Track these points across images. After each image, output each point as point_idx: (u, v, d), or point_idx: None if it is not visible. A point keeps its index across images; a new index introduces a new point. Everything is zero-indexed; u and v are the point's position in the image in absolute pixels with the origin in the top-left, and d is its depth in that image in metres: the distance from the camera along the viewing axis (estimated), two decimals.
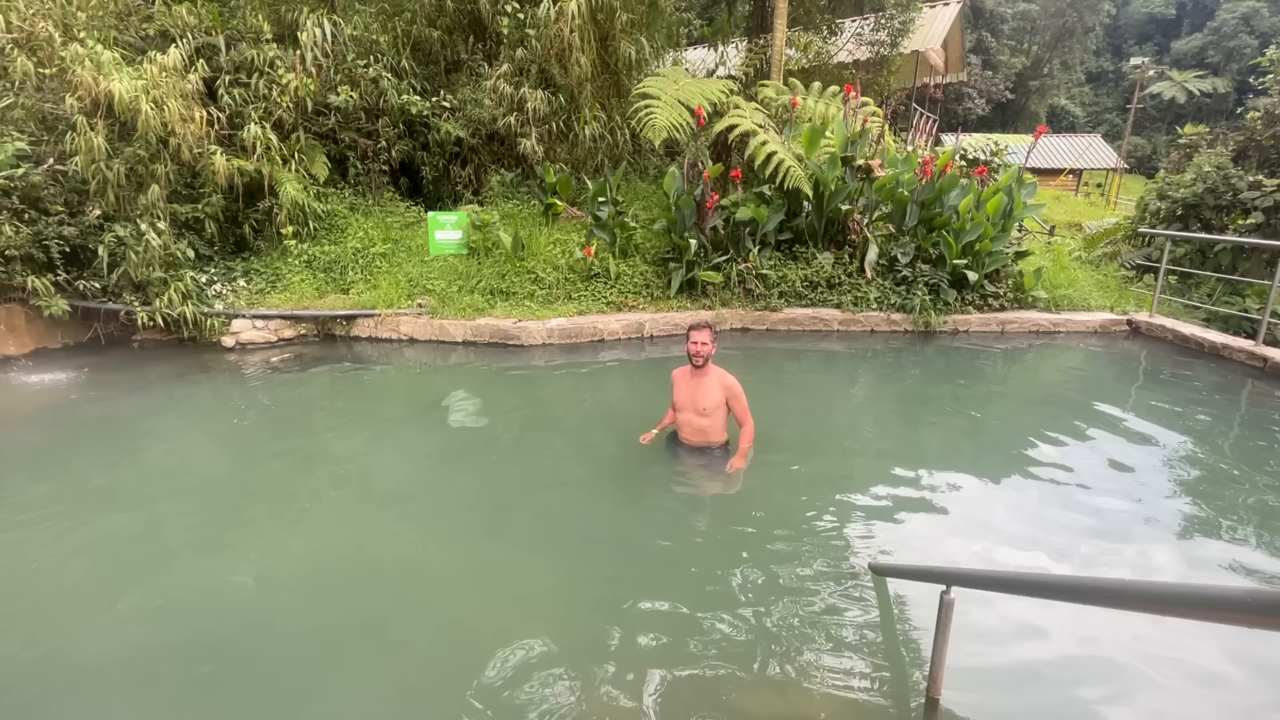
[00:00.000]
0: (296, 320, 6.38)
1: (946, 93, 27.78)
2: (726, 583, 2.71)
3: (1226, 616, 1.00)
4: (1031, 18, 40.27)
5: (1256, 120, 8.57)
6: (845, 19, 12.94)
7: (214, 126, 6.51)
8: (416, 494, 3.64)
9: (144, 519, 3.32)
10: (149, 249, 5.86)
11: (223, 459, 4.12)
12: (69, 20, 6.15)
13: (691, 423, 3.66)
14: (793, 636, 2.38)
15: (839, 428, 4.69)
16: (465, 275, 6.85)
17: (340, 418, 4.89)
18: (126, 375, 5.54)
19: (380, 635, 2.46)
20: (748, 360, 5.83)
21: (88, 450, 4.17)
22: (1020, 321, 6.67)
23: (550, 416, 4.81)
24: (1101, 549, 3.02)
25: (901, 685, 2.19)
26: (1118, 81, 45.11)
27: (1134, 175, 33.15)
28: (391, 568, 2.93)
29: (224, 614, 2.58)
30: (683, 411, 3.67)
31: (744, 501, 3.52)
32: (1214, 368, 5.71)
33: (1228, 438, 4.35)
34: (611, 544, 3.13)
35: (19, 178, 5.55)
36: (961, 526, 3.19)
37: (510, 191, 8.20)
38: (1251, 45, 37.59)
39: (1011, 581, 1.89)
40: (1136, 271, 8.59)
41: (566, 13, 7.21)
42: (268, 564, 2.95)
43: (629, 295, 6.79)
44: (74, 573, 2.87)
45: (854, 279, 6.82)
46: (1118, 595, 1.31)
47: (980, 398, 5.32)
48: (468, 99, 7.87)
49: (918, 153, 7.54)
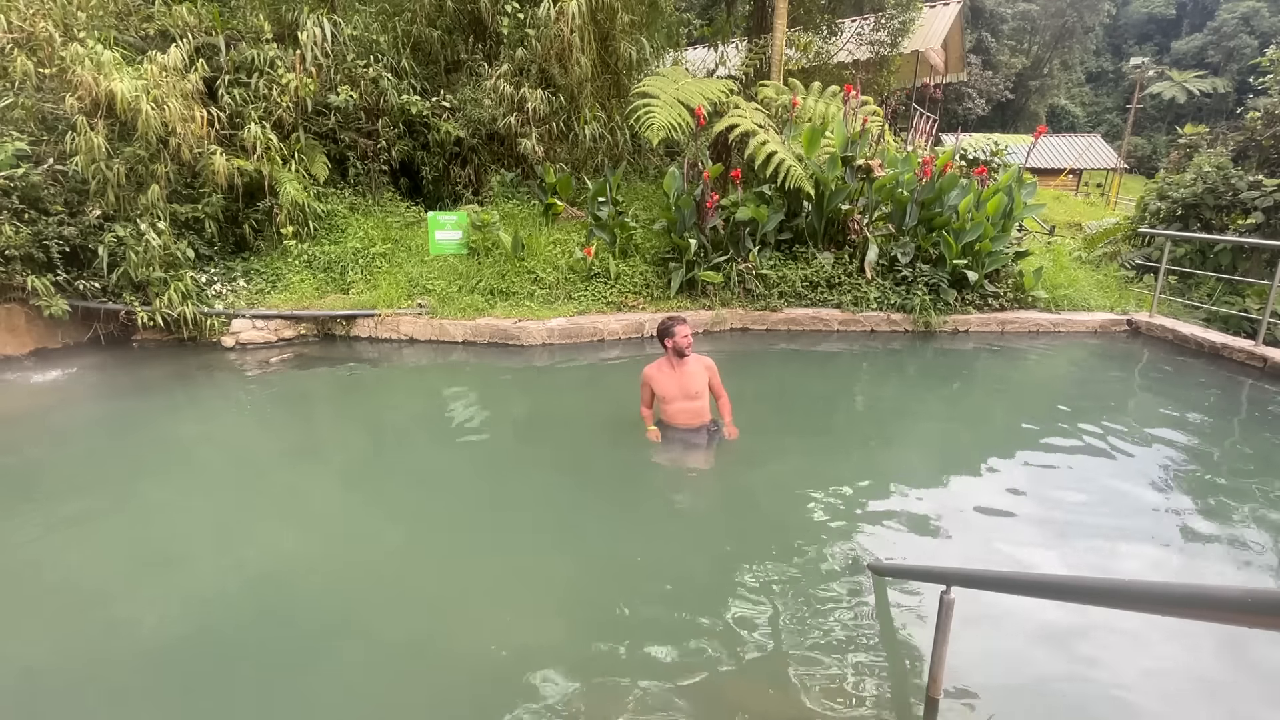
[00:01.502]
0: (296, 320, 6.38)
1: (946, 93, 27.77)
2: (726, 582, 2.71)
3: (1226, 616, 1.00)
4: (1031, 18, 40.26)
5: (1256, 120, 8.57)
6: (845, 19, 12.93)
7: (214, 126, 6.51)
8: (417, 493, 3.64)
9: (143, 519, 3.32)
10: (149, 249, 5.85)
11: (222, 459, 4.12)
12: (69, 20, 6.15)
13: (685, 409, 3.88)
14: (792, 636, 2.38)
15: (839, 428, 4.69)
16: (465, 275, 6.85)
17: (340, 417, 4.90)
18: (126, 375, 5.54)
19: (381, 635, 2.46)
20: (748, 360, 5.83)
21: (87, 450, 4.18)
22: (1020, 321, 6.67)
23: (550, 416, 4.81)
24: (1101, 549, 3.02)
25: (901, 685, 2.19)
26: (1118, 81, 45.11)
27: (1134, 175, 33.15)
28: (392, 567, 2.93)
29: (223, 614, 2.58)
30: (673, 402, 3.87)
31: (744, 502, 3.53)
32: (1214, 368, 5.72)
33: (1228, 437, 4.35)
34: (611, 543, 3.13)
35: (19, 178, 5.55)
36: (961, 526, 3.19)
37: (510, 191, 8.20)
38: (1251, 45, 37.59)
39: (1011, 581, 1.89)
40: (1136, 271, 8.59)
41: (566, 13, 7.21)
42: (267, 563, 2.95)
43: (629, 295, 6.79)
44: (73, 573, 2.87)
45: (854, 279, 6.81)
46: (1117, 595, 1.31)
47: (980, 398, 5.32)
48: (468, 99, 7.87)
49: (918, 153, 7.54)
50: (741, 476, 3.78)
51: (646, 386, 3.92)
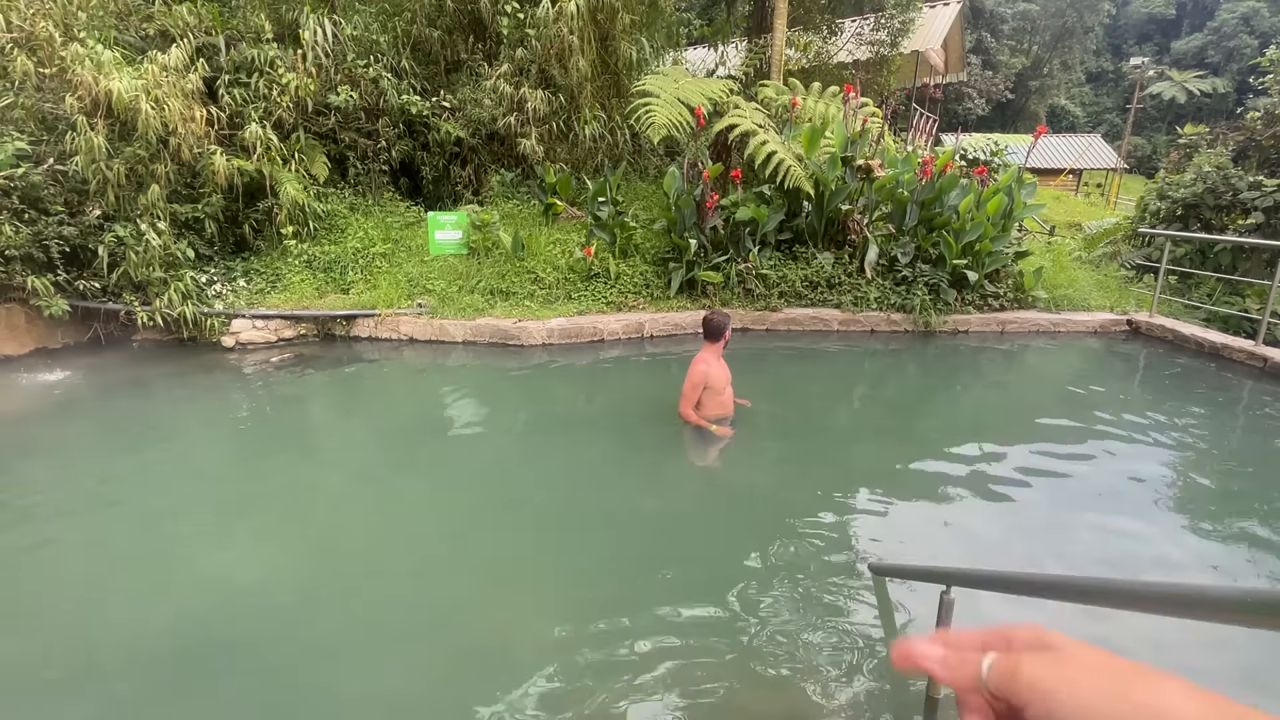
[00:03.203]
0: (296, 320, 6.38)
1: (946, 93, 27.78)
2: (726, 582, 2.71)
3: (1226, 616, 1.00)
4: (1031, 18, 40.24)
5: (1256, 120, 8.57)
6: (845, 19, 12.94)
7: (214, 126, 6.51)
8: (417, 493, 3.65)
9: (143, 519, 3.32)
10: (149, 249, 5.85)
11: (223, 459, 4.12)
12: (69, 20, 6.15)
13: (730, 396, 4.16)
14: (792, 636, 2.39)
15: (839, 428, 4.69)
16: (465, 275, 6.85)
17: (340, 417, 4.90)
18: (126, 375, 5.54)
19: (381, 634, 2.46)
20: (748, 360, 5.83)
21: (87, 450, 4.18)
22: (1020, 321, 6.67)
23: (550, 415, 4.81)
24: (1101, 548, 3.02)
25: (901, 685, 2.19)
26: (1118, 81, 45.11)
27: (1134, 175, 33.16)
28: (392, 567, 2.93)
29: (222, 614, 2.58)
30: (722, 392, 4.10)
31: (744, 501, 3.53)
32: (1214, 368, 5.71)
33: (1228, 437, 4.35)
34: (611, 544, 3.13)
35: (19, 178, 5.55)
36: (961, 526, 3.19)
37: (510, 191, 8.20)
38: (1251, 45, 37.59)
39: (1011, 581, 1.89)
40: (1136, 271, 8.59)
41: (566, 13, 7.21)
42: (267, 563, 2.95)
43: (629, 295, 6.79)
44: (72, 573, 2.87)
45: (854, 279, 6.81)
46: (1117, 595, 1.31)
47: (980, 398, 5.32)
48: (468, 99, 7.87)
49: (918, 153, 7.53)
50: (742, 476, 3.79)
51: (701, 383, 3.99)
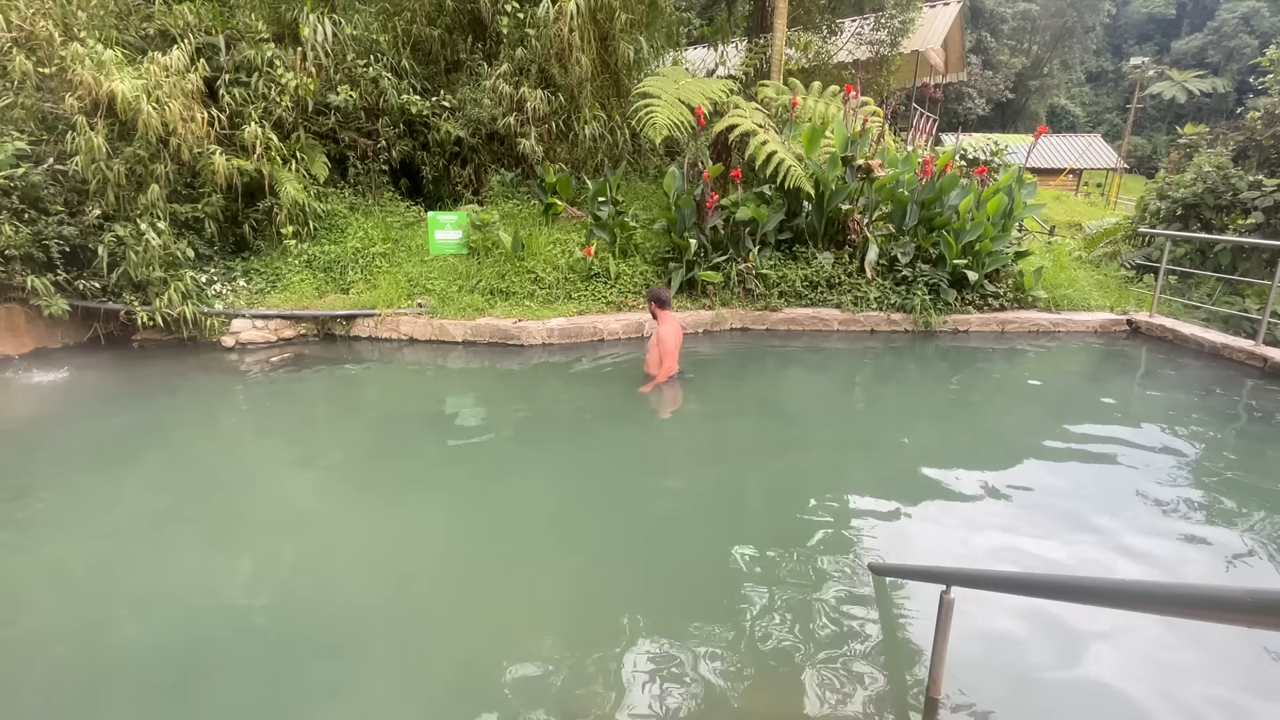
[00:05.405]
0: (296, 320, 6.38)
1: (946, 93, 27.77)
2: (726, 581, 2.71)
3: (1226, 616, 1.00)
4: (1031, 18, 40.23)
5: (1256, 120, 8.57)
6: (845, 19, 12.94)
7: (214, 126, 6.50)
8: (417, 493, 3.64)
9: (143, 519, 3.32)
10: (149, 249, 5.85)
11: (223, 459, 4.12)
12: (69, 19, 6.14)
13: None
14: (792, 636, 2.38)
15: (839, 427, 4.69)
16: (465, 275, 6.85)
17: (340, 417, 4.90)
18: (126, 375, 5.54)
19: (381, 633, 2.46)
20: (748, 360, 5.84)
21: (86, 450, 4.17)
22: (1020, 321, 6.67)
23: (550, 415, 4.81)
24: (1101, 548, 3.02)
25: (901, 685, 2.19)
26: (1118, 81, 45.12)
27: (1134, 175, 33.16)
28: (392, 567, 2.93)
29: (222, 614, 2.57)
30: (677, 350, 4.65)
31: (744, 501, 3.53)
32: (1214, 367, 5.72)
33: (1227, 437, 4.35)
34: (610, 542, 3.13)
35: (19, 177, 5.54)
36: (961, 526, 3.19)
37: (510, 191, 8.19)
38: (1251, 45, 37.60)
39: (1011, 581, 1.90)
40: (1136, 271, 8.59)
41: (566, 12, 7.21)
42: (267, 563, 2.95)
43: (629, 295, 6.79)
44: (71, 573, 2.87)
45: (854, 279, 6.81)
46: (1118, 595, 1.32)
47: (980, 398, 5.32)
48: (467, 99, 7.86)
49: (918, 153, 7.54)
50: (742, 476, 3.79)
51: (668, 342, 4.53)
